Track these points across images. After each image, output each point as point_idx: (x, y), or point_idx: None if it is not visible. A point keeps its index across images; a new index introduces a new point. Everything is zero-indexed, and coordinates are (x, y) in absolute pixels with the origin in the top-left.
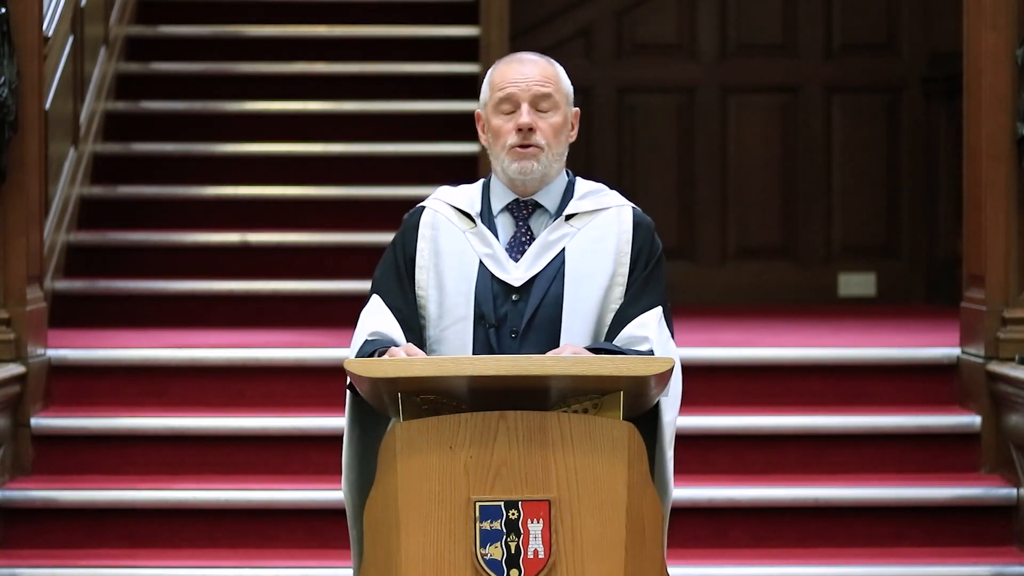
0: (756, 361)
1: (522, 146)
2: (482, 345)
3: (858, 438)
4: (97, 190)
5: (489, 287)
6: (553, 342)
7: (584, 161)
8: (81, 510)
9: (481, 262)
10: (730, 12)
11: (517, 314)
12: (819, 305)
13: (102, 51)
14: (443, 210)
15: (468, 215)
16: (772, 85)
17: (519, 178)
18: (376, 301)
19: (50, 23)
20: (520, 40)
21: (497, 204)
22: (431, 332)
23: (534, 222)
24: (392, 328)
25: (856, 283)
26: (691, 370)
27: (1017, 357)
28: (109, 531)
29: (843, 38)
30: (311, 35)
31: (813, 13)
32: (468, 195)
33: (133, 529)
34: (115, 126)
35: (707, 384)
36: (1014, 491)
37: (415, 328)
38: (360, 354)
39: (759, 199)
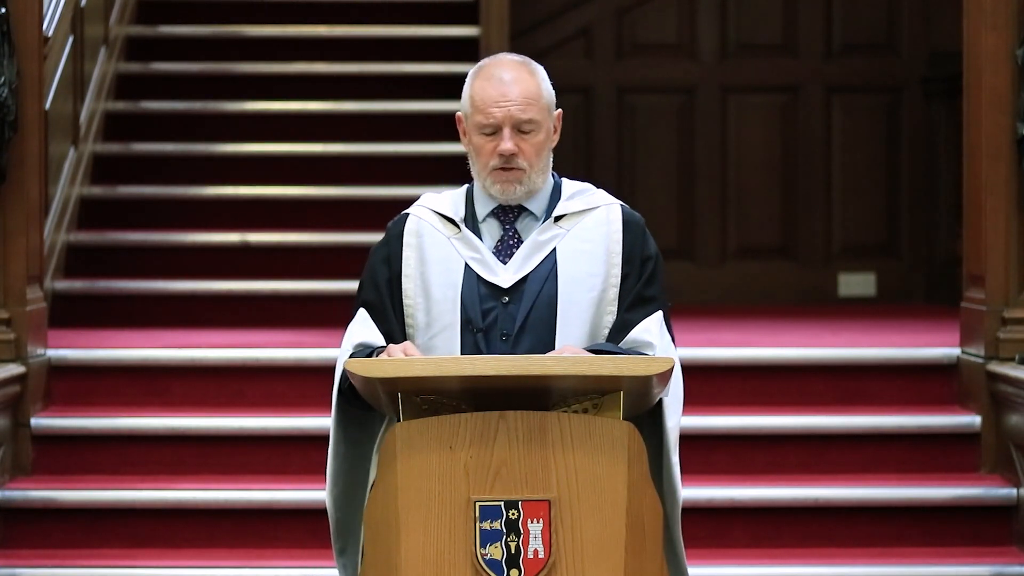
0: (756, 361)
1: (504, 168)
2: (471, 351)
3: (858, 438)
4: (97, 190)
5: (476, 291)
6: (548, 345)
7: (584, 161)
8: (81, 510)
9: (467, 266)
10: (730, 12)
11: (508, 317)
12: (819, 305)
13: (102, 51)
14: (427, 217)
15: (453, 221)
16: (772, 85)
17: (502, 198)
18: (362, 315)
19: (50, 23)
20: (520, 40)
21: (482, 210)
22: (419, 341)
23: (521, 225)
24: (378, 339)
25: (856, 283)
26: (691, 370)
27: (1017, 357)
28: (109, 531)
29: (843, 38)
30: (311, 35)
31: (813, 13)
32: (452, 201)
33: (133, 529)
34: (115, 126)
35: (707, 384)
36: (1014, 491)
37: (401, 340)
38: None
39: (759, 199)
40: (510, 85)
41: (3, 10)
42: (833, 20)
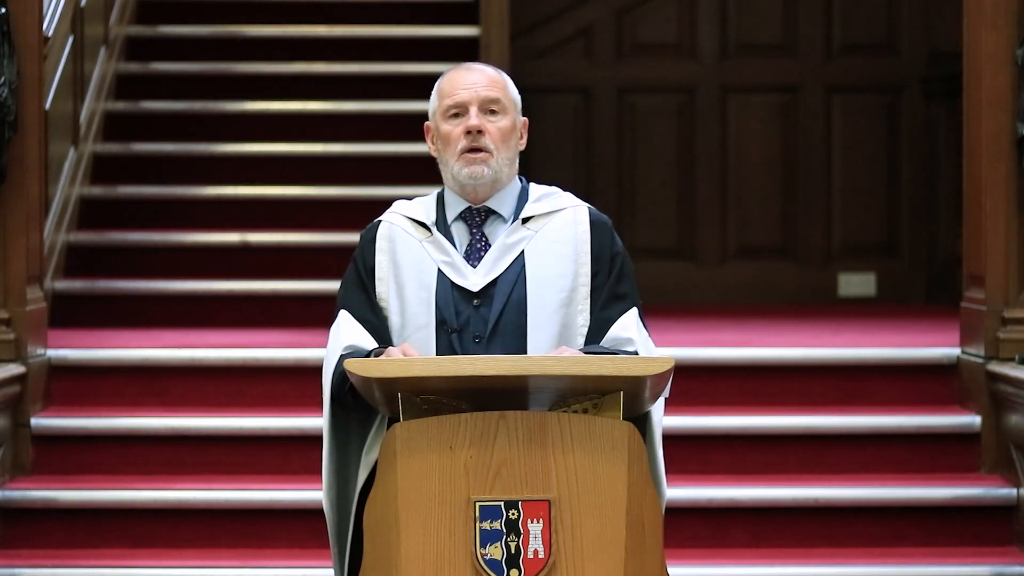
0: (756, 361)
1: (472, 150)
2: (446, 351)
3: (858, 438)
4: (97, 190)
5: (449, 293)
6: (519, 346)
7: (584, 161)
8: (81, 510)
9: (440, 269)
10: (730, 12)
11: (480, 319)
12: (819, 305)
13: (102, 51)
14: (399, 222)
15: (424, 225)
16: (772, 85)
17: (470, 183)
18: (345, 316)
19: (50, 23)
20: (520, 40)
21: (451, 213)
22: (395, 341)
23: (488, 228)
24: (365, 340)
25: (856, 283)
26: (691, 370)
27: (1017, 357)
28: (109, 531)
29: (843, 38)
30: (311, 35)
31: (813, 13)
32: (423, 206)
33: (133, 529)
34: (115, 126)
35: (707, 384)
36: (1014, 491)
37: (387, 339)
38: (336, 371)
39: (759, 199)
40: (477, 73)
41: (3, 10)
42: (833, 20)
